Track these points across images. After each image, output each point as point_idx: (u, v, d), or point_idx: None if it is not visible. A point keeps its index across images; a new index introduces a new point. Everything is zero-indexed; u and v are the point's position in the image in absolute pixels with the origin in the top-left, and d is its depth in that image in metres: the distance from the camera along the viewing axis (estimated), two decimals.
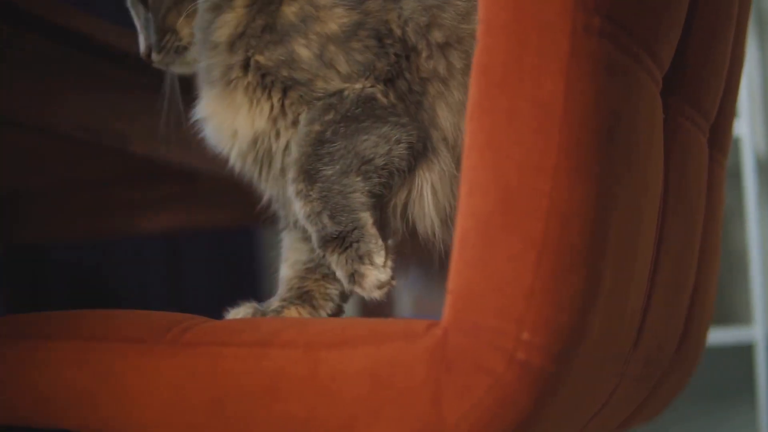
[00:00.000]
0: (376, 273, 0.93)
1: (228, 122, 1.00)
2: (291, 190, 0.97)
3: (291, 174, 0.97)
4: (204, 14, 1.01)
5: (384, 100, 0.96)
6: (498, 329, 0.77)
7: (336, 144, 0.95)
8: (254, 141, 1.00)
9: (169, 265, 2.13)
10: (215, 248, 2.19)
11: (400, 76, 0.96)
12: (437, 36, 0.96)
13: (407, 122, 0.96)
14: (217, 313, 1.01)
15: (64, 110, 1.25)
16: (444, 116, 0.96)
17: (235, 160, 1.02)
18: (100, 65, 1.33)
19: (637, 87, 0.85)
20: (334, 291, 1.04)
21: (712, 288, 1.23)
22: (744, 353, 2.42)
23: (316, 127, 0.96)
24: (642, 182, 0.88)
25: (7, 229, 1.87)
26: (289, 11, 0.98)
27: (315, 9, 0.97)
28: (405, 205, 0.98)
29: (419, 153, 0.96)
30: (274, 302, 1.04)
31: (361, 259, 0.93)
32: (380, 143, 0.95)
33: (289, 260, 1.07)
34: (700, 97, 1.03)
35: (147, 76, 1.11)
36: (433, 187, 0.96)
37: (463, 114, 0.89)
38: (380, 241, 0.94)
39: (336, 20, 0.96)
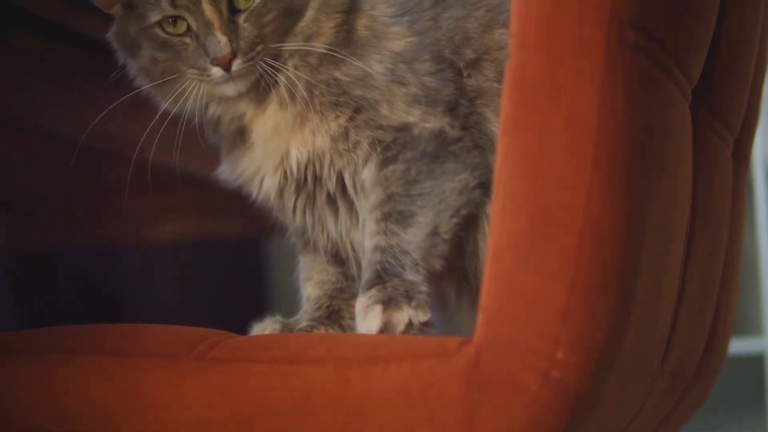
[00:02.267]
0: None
1: (284, 143, 0.99)
2: (373, 227, 0.96)
3: (375, 214, 0.96)
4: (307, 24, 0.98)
5: (452, 133, 0.97)
6: (532, 348, 0.76)
7: (425, 184, 0.96)
8: (305, 164, 0.99)
9: (177, 273, 2.12)
10: (223, 258, 2.19)
11: (458, 102, 0.98)
12: (468, 53, 0.99)
13: (479, 161, 0.98)
14: (225, 322, 1.00)
15: (82, 118, 1.24)
16: (495, 132, 0.97)
17: (270, 187, 1.01)
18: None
19: (668, 102, 0.85)
20: None
21: (734, 300, 1.22)
22: (755, 364, 2.41)
23: (400, 167, 0.97)
24: (673, 198, 0.87)
25: (16, 237, 1.87)
26: (360, 25, 0.99)
27: (381, 25, 0.99)
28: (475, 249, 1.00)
29: (488, 189, 0.97)
30: (302, 320, 1.03)
31: (403, 311, 0.92)
32: (463, 191, 0.96)
33: (313, 279, 1.07)
34: (727, 111, 1.03)
35: None
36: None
37: None
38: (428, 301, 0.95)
39: (400, 39, 0.98)
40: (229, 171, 1.05)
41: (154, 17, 0.96)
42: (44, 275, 2.01)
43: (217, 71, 0.95)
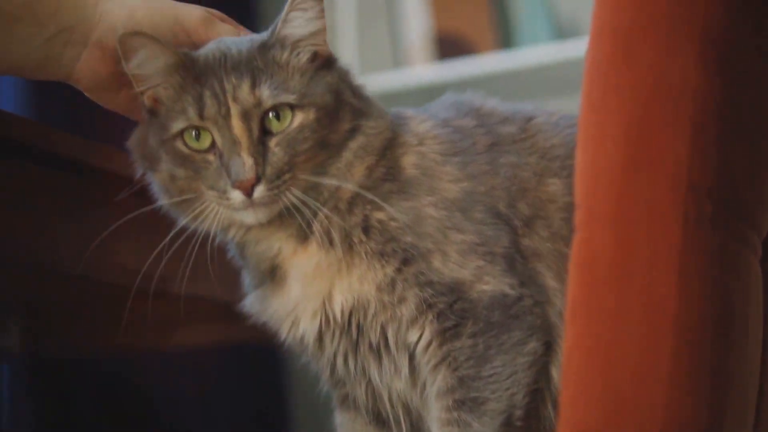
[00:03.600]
0: None
1: (326, 286, 0.90)
2: (443, 416, 0.88)
3: (446, 401, 0.88)
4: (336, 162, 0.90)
5: (512, 292, 0.88)
6: None
7: (495, 363, 0.87)
8: (350, 311, 0.90)
9: (196, 378, 2.06)
10: (241, 363, 2.13)
11: (515, 258, 0.90)
12: (523, 208, 0.92)
13: (541, 322, 0.89)
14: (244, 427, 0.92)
15: (108, 258, 1.18)
16: (552, 287, 0.90)
17: (308, 331, 0.92)
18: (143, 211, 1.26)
19: (746, 271, 0.78)
20: None
21: None
22: None
23: (467, 342, 0.88)
24: (752, 367, 0.81)
25: (31, 342, 1.81)
26: (407, 162, 0.91)
27: (432, 162, 0.91)
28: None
29: (549, 345, 0.90)
30: None
31: None
32: (533, 364, 0.88)
33: None
34: None
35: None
36: (555, 382, 0.89)
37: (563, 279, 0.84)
38: None
39: (454, 183, 0.90)
40: (256, 307, 0.96)
41: (178, 126, 0.87)
42: (60, 381, 1.95)
43: (237, 196, 0.85)
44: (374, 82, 2.31)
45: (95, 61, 0.90)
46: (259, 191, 0.85)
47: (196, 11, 0.92)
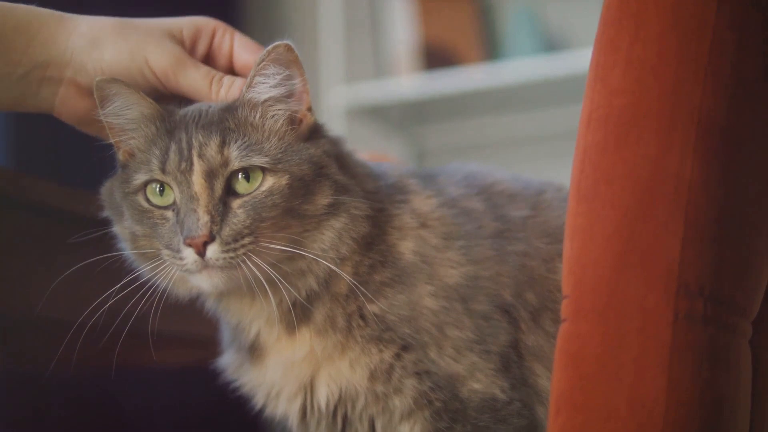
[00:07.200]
0: None
1: (308, 371, 0.87)
2: None
3: None
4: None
5: (503, 396, 0.86)
6: None
7: None
8: (336, 404, 0.87)
9: (177, 398, 2.05)
10: (221, 383, 2.11)
11: (511, 358, 0.87)
12: (531, 298, 0.89)
13: (527, 423, 0.87)
14: None
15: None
16: (545, 388, 0.88)
17: (290, 412, 0.90)
18: None
19: (735, 360, 0.77)
20: None
21: None
22: None
23: None
24: None
25: (8, 358, 1.79)
26: (406, 248, 0.87)
27: (432, 249, 0.87)
28: None
29: None
30: None
31: None
32: None
33: None
34: None
35: None
36: None
37: None
38: None
39: (455, 268, 0.87)
40: (230, 371, 0.94)
41: (141, 178, 0.84)
42: (37, 398, 1.93)
43: (189, 255, 0.81)
44: (358, 92, 2.30)
45: (72, 98, 0.89)
46: (213, 251, 0.81)
47: (166, 54, 0.88)
